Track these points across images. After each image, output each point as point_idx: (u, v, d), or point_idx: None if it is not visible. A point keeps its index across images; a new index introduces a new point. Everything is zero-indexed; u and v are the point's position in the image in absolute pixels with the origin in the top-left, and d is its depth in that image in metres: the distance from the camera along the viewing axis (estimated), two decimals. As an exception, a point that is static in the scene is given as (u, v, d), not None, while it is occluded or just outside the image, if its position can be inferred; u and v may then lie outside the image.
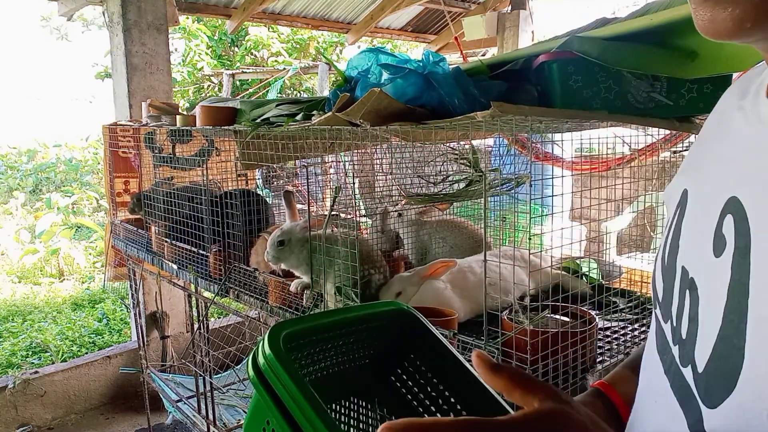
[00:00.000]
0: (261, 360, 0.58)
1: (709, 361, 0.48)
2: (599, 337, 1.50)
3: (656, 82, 1.32)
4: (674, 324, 0.55)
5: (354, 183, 2.97)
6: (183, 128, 2.46)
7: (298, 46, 11.20)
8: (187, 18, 9.69)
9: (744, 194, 0.49)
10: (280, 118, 1.78)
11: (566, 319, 1.42)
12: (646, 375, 0.63)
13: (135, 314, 4.06)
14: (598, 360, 1.39)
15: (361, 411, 0.78)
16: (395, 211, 2.16)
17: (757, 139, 0.51)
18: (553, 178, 3.01)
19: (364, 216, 2.46)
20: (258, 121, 1.92)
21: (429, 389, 0.77)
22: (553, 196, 1.55)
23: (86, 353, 4.86)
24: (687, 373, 0.51)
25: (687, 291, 0.53)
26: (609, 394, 0.79)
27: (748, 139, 0.52)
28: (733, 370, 0.44)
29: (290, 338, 0.63)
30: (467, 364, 0.73)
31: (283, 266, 1.89)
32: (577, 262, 1.92)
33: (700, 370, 0.49)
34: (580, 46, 1.23)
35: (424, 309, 1.55)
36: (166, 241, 2.69)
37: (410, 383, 0.79)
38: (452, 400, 0.75)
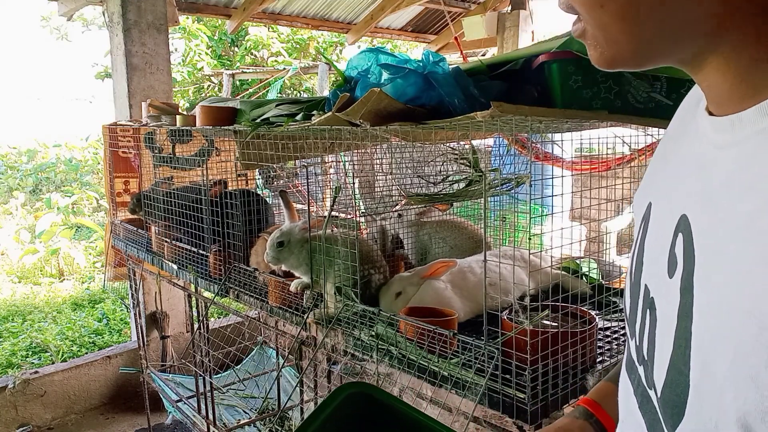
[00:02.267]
0: None
1: (664, 386, 0.47)
2: (599, 337, 1.50)
3: (656, 82, 1.32)
4: (638, 343, 0.55)
5: (354, 183, 2.97)
6: (183, 128, 2.46)
7: (298, 46, 11.20)
8: (187, 18, 9.69)
9: (691, 213, 0.48)
10: (280, 118, 1.78)
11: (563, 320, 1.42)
12: (622, 393, 0.62)
13: (135, 314, 4.06)
14: (598, 360, 1.39)
15: None
16: (396, 211, 2.16)
17: (701, 153, 0.50)
18: (553, 178, 3.01)
19: (364, 215, 2.46)
20: (258, 121, 1.92)
21: None
22: (553, 196, 1.55)
23: (86, 353, 4.86)
24: (653, 395, 0.50)
25: (648, 310, 0.53)
26: (596, 413, 0.79)
27: (695, 154, 0.51)
28: (682, 398, 0.44)
29: None
30: (435, 423, 0.76)
31: (283, 267, 1.89)
32: (577, 262, 1.92)
33: (659, 394, 0.48)
34: (580, 46, 1.23)
35: (424, 309, 1.55)
36: (166, 241, 2.69)
37: None
38: None
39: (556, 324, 1.38)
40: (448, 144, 2.00)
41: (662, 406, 0.47)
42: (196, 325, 2.96)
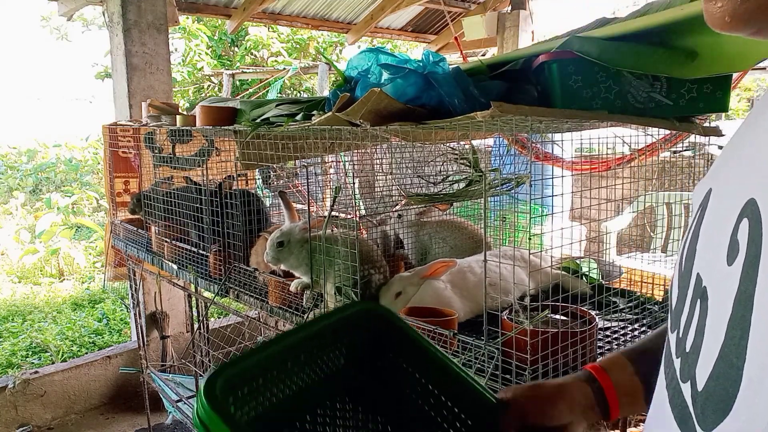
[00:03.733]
0: (200, 411, 0.60)
1: (708, 379, 0.44)
2: (599, 337, 1.50)
3: (656, 82, 1.32)
4: (680, 335, 0.52)
5: (354, 183, 2.97)
6: (183, 128, 2.46)
7: (298, 46, 11.20)
8: (187, 18, 9.69)
9: (762, 197, 0.44)
10: (280, 118, 1.78)
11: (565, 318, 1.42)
12: (658, 387, 0.59)
13: (135, 314, 4.06)
14: (598, 360, 1.39)
15: (347, 414, 0.79)
16: (396, 212, 2.16)
17: None
18: (553, 178, 3.01)
19: (363, 216, 2.46)
20: (258, 121, 1.92)
21: (413, 383, 0.79)
22: (553, 196, 1.55)
23: (86, 353, 4.86)
24: (686, 389, 0.47)
25: (698, 300, 0.49)
26: (600, 379, 0.78)
27: None
28: (729, 392, 0.40)
29: (238, 377, 0.66)
30: (444, 356, 0.77)
31: (282, 267, 1.89)
32: (577, 262, 1.92)
33: (699, 388, 0.45)
34: (580, 46, 1.23)
35: (424, 309, 1.55)
36: (166, 241, 2.69)
37: (394, 380, 0.80)
38: (436, 392, 0.78)
39: (565, 319, 1.38)
40: (448, 144, 2.00)
41: (701, 401, 0.44)
42: (196, 325, 2.96)
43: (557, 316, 1.42)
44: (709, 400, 0.43)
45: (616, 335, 1.55)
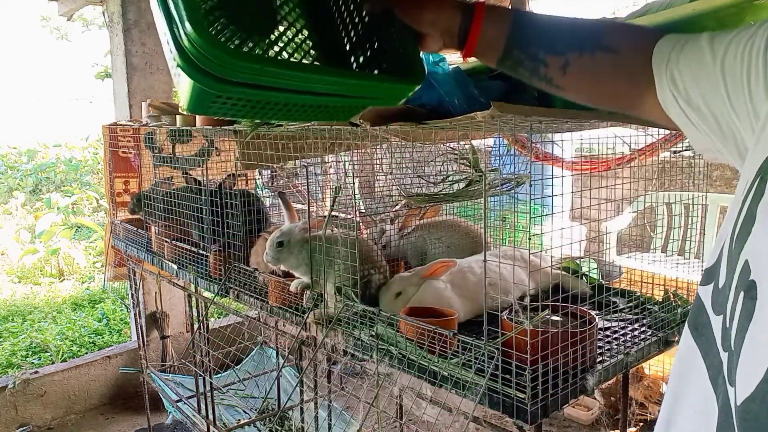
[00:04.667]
0: None
1: (748, 399, 0.36)
2: (599, 337, 1.50)
3: (656, 82, 1.32)
4: (726, 325, 0.43)
5: (354, 183, 2.97)
6: (183, 128, 2.46)
7: (298, 46, 11.19)
8: (187, 18, 9.67)
9: None
10: (280, 118, 1.78)
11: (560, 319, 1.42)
12: (682, 370, 0.50)
13: (135, 314, 4.06)
14: (598, 360, 1.39)
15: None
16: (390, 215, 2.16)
17: None
18: (553, 178, 3.01)
19: (363, 215, 2.46)
20: (258, 120, 1.92)
21: None
22: (553, 196, 1.55)
23: (86, 353, 4.86)
24: (731, 395, 0.40)
25: (743, 293, 0.41)
26: (474, 20, 0.75)
27: None
28: None
29: None
30: None
31: (282, 267, 1.89)
32: (577, 262, 1.92)
33: (738, 402, 0.38)
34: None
35: (424, 309, 1.55)
36: (166, 241, 2.69)
37: None
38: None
39: (562, 320, 1.38)
40: (448, 144, 2.00)
41: (745, 419, 0.37)
42: (196, 325, 2.96)
43: (556, 317, 1.43)
44: (748, 424, 0.36)
45: (616, 335, 1.55)
